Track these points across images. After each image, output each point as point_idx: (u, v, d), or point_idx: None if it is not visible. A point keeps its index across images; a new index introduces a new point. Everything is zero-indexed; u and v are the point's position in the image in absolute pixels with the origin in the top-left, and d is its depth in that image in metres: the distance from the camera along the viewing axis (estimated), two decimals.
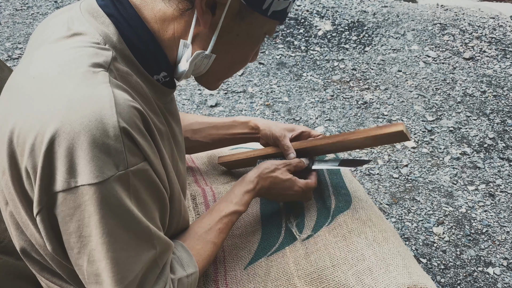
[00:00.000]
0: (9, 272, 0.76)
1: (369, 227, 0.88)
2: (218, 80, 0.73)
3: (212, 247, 0.76)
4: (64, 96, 0.51)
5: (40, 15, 3.64)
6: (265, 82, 2.73)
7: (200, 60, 0.65)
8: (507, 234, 1.71)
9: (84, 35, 0.59)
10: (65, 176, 0.51)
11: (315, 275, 0.81)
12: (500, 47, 3.01)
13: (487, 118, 2.38)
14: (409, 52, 2.98)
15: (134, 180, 0.55)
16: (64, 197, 0.52)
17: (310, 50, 3.08)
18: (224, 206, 0.81)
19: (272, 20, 0.65)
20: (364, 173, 2.02)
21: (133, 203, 0.56)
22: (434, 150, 2.15)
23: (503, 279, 1.53)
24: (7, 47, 3.09)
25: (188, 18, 0.61)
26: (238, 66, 0.71)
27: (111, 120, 0.51)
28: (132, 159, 0.54)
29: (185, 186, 0.81)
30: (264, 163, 0.89)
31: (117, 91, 0.54)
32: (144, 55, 0.62)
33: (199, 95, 2.57)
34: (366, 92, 2.61)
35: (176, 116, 0.76)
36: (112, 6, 0.61)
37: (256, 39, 0.68)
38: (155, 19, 0.61)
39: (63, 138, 0.50)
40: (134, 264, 0.57)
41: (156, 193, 0.61)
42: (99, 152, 0.51)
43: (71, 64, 0.54)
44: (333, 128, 2.31)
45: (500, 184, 1.95)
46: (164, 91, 0.68)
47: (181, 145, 0.78)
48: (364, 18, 3.42)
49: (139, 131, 0.55)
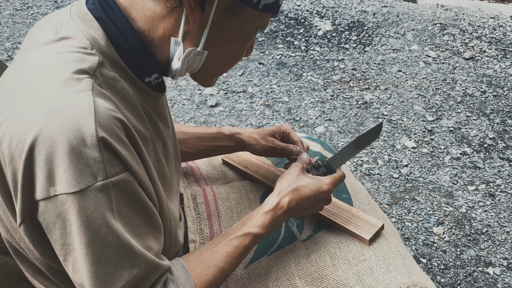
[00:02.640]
0: (9, 272, 0.76)
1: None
2: (213, 76, 0.72)
3: (216, 271, 0.68)
4: (45, 103, 0.51)
5: (40, 15, 3.63)
6: (265, 82, 2.73)
7: (192, 58, 0.64)
8: (507, 234, 1.71)
9: (71, 39, 0.58)
10: (44, 184, 0.51)
11: (316, 275, 0.81)
12: (500, 47, 3.01)
13: (487, 118, 2.38)
14: (409, 52, 2.98)
15: (115, 192, 0.54)
16: (45, 205, 0.52)
17: (310, 50, 3.08)
18: (237, 228, 0.73)
19: (264, 13, 0.63)
20: (364, 173, 2.02)
21: (115, 217, 0.54)
22: (434, 150, 2.15)
23: (503, 279, 1.53)
24: (7, 47, 3.09)
25: (177, 16, 0.60)
26: (232, 62, 0.70)
27: (89, 129, 0.51)
28: (112, 169, 0.53)
29: (172, 190, 0.79)
30: (282, 180, 0.80)
31: (99, 99, 0.53)
32: (133, 59, 0.61)
33: (199, 95, 2.57)
34: (366, 92, 2.61)
35: (165, 120, 0.75)
36: (101, 9, 0.60)
37: (249, 34, 0.66)
38: (144, 19, 0.60)
39: (42, 146, 0.50)
40: (113, 280, 0.55)
41: (142, 207, 0.59)
42: (76, 161, 0.50)
43: (55, 70, 0.54)
44: (333, 128, 2.31)
45: (500, 184, 1.95)
46: (153, 95, 0.67)
47: (169, 148, 0.76)
48: (364, 18, 3.42)
49: (119, 141, 0.54)
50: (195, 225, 0.89)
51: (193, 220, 0.90)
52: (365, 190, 1.04)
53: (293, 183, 0.78)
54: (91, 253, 0.53)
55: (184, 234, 0.88)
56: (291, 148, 0.91)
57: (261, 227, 0.73)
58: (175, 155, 0.82)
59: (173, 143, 0.80)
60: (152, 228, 0.61)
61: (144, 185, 0.59)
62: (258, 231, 0.73)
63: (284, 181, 0.79)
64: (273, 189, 0.79)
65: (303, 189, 0.78)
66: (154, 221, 0.62)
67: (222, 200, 0.95)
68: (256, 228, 0.73)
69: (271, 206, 0.75)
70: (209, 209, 0.92)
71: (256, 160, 1.06)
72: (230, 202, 0.95)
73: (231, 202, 0.95)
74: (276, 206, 0.75)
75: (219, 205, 0.94)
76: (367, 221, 0.87)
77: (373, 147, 2.17)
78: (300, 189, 0.78)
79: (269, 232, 0.75)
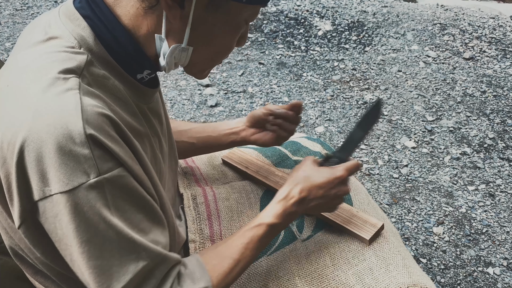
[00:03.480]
0: (9, 273, 0.77)
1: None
2: (203, 70, 0.71)
3: (231, 263, 0.68)
4: (32, 104, 0.51)
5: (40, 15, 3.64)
6: (265, 82, 2.73)
7: (178, 54, 0.64)
8: (507, 234, 1.71)
9: (59, 38, 0.58)
10: (39, 185, 0.51)
11: (316, 275, 0.81)
12: (500, 47, 3.01)
13: (487, 118, 2.38)
14: (409, 52, 2.98)
15: (110, 188, 0.53)
16: (43, 206, 0.52)
17: (310, 50, 3.08)
18: (252, 221, 0.73)
19: (250, 5, 0.62)
20: (364, 173, 2.02)
21: (112, 213, 0.54)
22: (434, 150, 2.15)
23: (503, 279, 1.53)
24: (7, 47, 3.09)
25: (159, 13, 0.60)
26: (222, 55, 0.69)
27: (76, 127, 0.51)
28: (104, 166, 0.53)
29: (165, 188, 0.79)
30: (293, 171, 0.79)
31: (85, 98, 0.53)
32: (123, 56, 0.61)
33: (199, 95, 2.58)
34: (366, 92, 2.61)
35: (160, 117, 0.75)
36: (88, 7, 0.60)
37: (236, 27, 0.65)
38: (129, 16, 0.60)
39: (31, 148, 0.50)
40: (120, 273, 0.55)
41: (141, 202, 0.58)
42: (67, 160, 0.50)
43: (42, 70, 0.54)
44: (333, 128, 2.31)
45: (500, 184, 1.95)
46: (146, 91, 0.67)
47: (164, 146, 0.76)
48: (364, 18, 3.42)
49: (109, 137, 0.54)
50: (195, 225, 0.90)
51: (193, 220, 0.90)
52: (365, 190, 1.04)
53: (304, 172, 0.77)
54: (93, 249, 0.53)
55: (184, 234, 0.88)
56: (290, 114, 0.91)
57: (274, 216, 0.73)
58: (170, 153, 0.82)
59: (167, 141, 0.79)
60: (155, 222, 0.61)
61: (141, 180, 0.58)
62: (271, 221, 0.72)
63: (295, 171, 0.79)
64: (274, 189, 0.79)
65: (315, 177, 0.76)
66: (156, 215, 0.61)
67: (222, 200, 0.95)
68: (268, 218, 0.73)
69: (283, 196, 0.75)
70: (209, 209, 0.92)
71: (256, 160, 1.06)
72: (230, 202, 0.95)
73: (231, 202, 0.95)
74: (287, 195, 0.75)
75: (219, 205, 0.94)
76: (367, 221, 0.87)
77: (373, 147, 2.17)
78: (311, 177, 0.76)
79: (285, 223, 0.74)
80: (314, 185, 0.75)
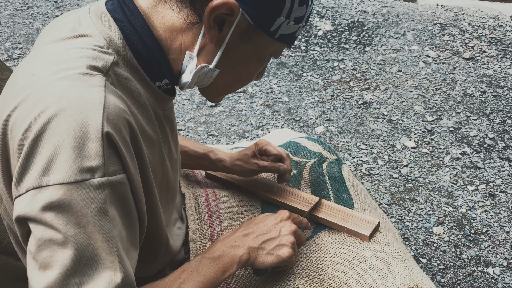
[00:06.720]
0: (9, 273, 0.77)
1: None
2: (220, 94, 0.73)
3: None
4: (56, 94, 0.51)
5: (40, 15, 3.64)
6: (265, 82, 2.73)
7: (203, 74, 0.66)
8: (507, 234, 1.71)
9: (88, 37, 0.59)
10: (39, 173, 0.50)
11: (316, 275, 0.81)
12: (500, 47, 3.01)
13: (487, 118, 2.38)
14: (409, 52, 2.98)
15: (109, 192, 0.52)
16: (33, 196, 0.50)
17: (310, 50, 3.08)
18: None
19: (279, 42, 0.65)
20: (364, 173, 2.02)
21: (105, 218, 0.52)
22: (434, 150, 2.16)
23: (503, 279, 1.53)
24: (7, 47, 3.09)
25: (196, 31, 0.62)
26: (242, 83, 0.71)
27: (96, 122, 0.51)
28: (111, 168, 0.52)
29: (174, 195, 0.80)
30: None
31: (110, 96, 0.54)
32: (147, 61, 0.62)
33: (199, 95, 2.58)
34: (366, 92, 2.61)
35: (173, 124, 0.76)
36: (120, 11, 0.61)
37: (262, 59, 0.68)
38: (164, 28, 0.62)
39: (47, 134, 0.50)
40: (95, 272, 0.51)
41: (129, 218, 0.56)
42: (78, 152, 0.50)
43: (69, 63, 0.54)
44: (333, 128, 2.31)
45: (500, 184, 1.95)
46: (164, 98, 0.68)
47: (174, 153, 0.77)
48: (364, 18, 3.42)
49: (123, 140, 0.54)
50: (196, 225, 0.90)
51: (194, 220, 0.90)
52: (365, 190, 1.05)
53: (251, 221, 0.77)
54: (76, 249, 0.50)
55: (184, 235, 0.88)
56: (277, 167, 0.93)
57: (207, 250, 0.70)
58: (178, 160, 0.83)
59: (176, 149, 0.80)
60: (132, 244, 0.58)
61: (136, 192, 0.57)
62: (205, 254, 0.68)
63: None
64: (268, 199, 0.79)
65: (260, 218, 0.77)
66: (134, 237, 0.58)
67: (224, 201, 0.95)
68: (207, 251, 0.70)
69: (227, 234, 0.74)
70: (210, 210, 0.93)
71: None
72: (232, 203, 0.95)
73: (233, 203, 0.95)
74: (232, 232, 0.74)
75: (220, 206, 0.94)
76: (364, 219, 0.89)
77: (373, 147, 2.18)
78: (257, 218, 0.77)
79: (226, 256, 0.69)
80: (258, 222, 0.76)
